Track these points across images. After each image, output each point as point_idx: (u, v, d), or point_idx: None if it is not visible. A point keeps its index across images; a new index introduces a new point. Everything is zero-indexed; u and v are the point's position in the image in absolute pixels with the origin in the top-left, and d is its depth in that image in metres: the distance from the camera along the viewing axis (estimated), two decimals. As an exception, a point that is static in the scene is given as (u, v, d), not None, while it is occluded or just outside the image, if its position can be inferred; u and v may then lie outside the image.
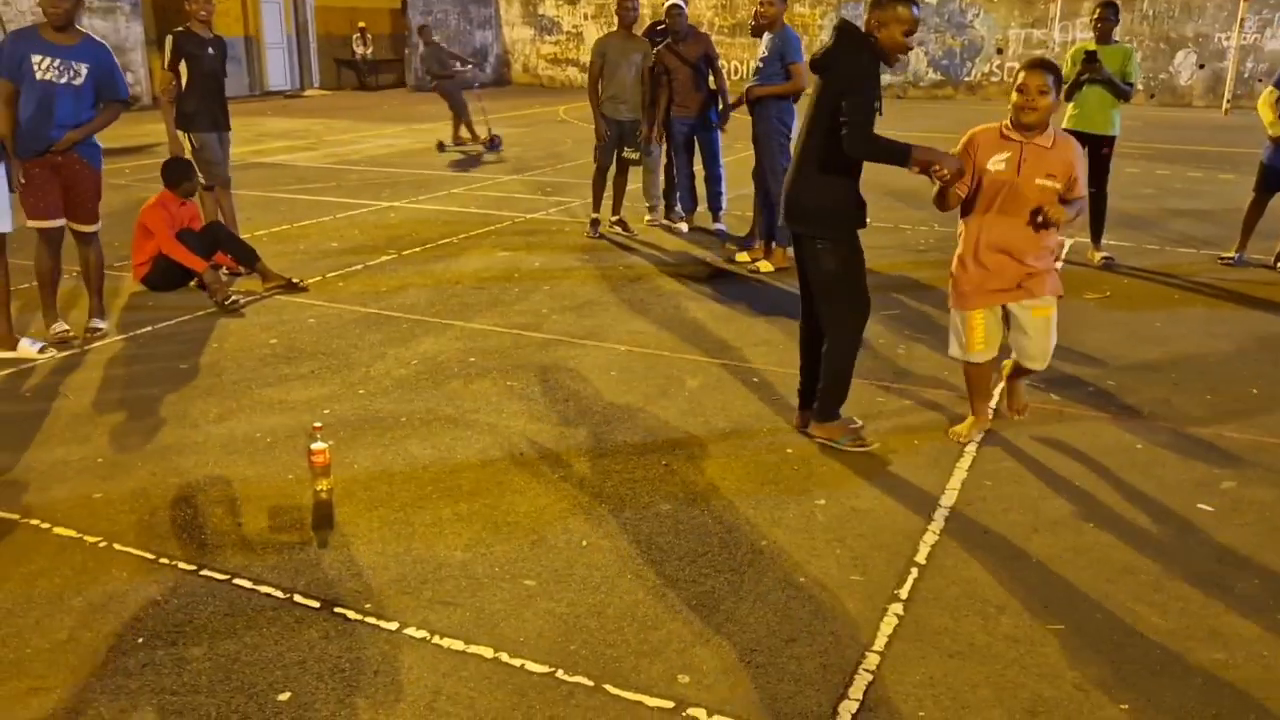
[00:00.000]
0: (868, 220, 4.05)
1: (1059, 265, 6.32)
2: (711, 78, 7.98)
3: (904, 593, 3.11)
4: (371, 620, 2.96)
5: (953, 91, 22.70)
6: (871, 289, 4.15)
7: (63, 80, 5.14)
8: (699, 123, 8.01)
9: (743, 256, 7.26)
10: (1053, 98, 3.80)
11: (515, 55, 26.49)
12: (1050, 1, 21.14)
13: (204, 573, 3.21)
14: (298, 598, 3.07)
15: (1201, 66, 20.70)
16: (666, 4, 7.94)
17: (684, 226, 8.37)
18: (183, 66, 6.70)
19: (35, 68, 5.06)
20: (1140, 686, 2.68)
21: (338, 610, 3.01)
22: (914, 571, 3.23)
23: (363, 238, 8.16)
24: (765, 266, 7.04)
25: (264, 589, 3.12)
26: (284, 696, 2.62)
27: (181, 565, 3.26)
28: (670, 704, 2.59)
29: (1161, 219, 9.12)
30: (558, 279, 6.88)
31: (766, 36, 6.79)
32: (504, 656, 2.79)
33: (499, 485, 3.83)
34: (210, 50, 6.80)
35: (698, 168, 8.39)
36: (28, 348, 5.22)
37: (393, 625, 2.93)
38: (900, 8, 3.77)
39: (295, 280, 6.62)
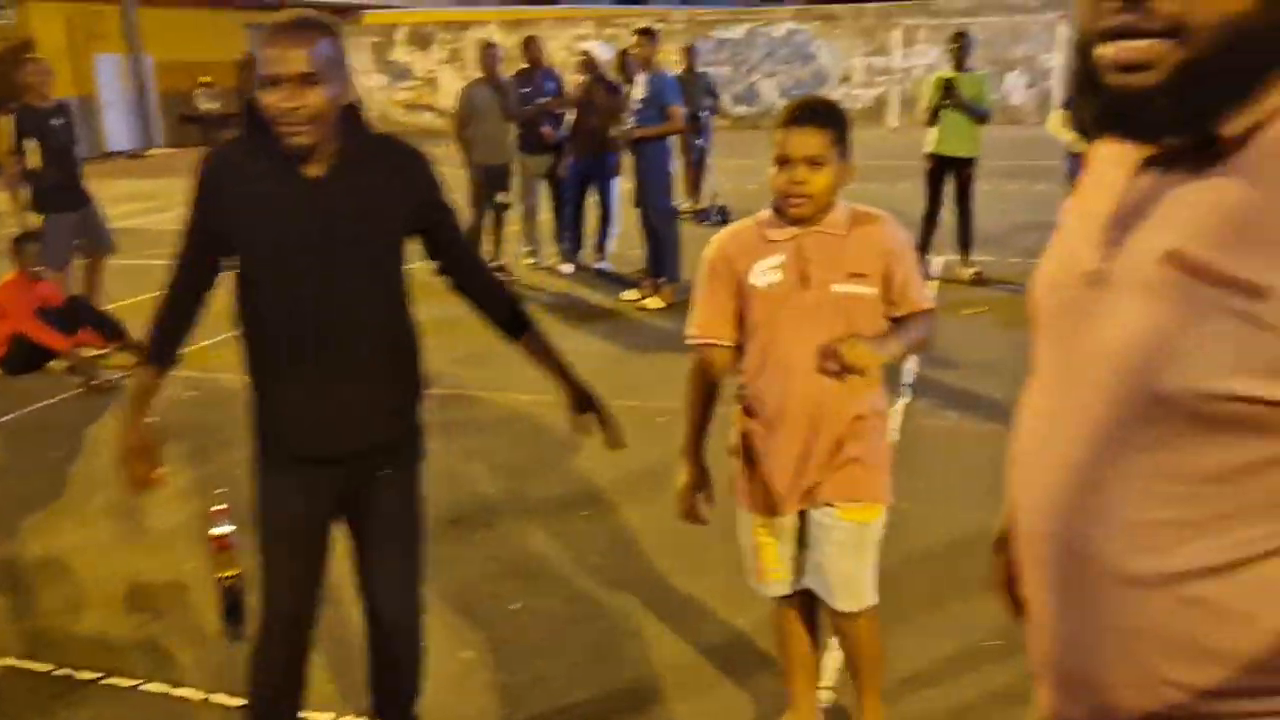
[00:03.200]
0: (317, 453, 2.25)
1: (899, 403, 4.98)
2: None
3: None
4: (309, 714, 2.79)
5: (804, 120, 23.43)
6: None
7: None
8: (595, 163, 8.00)
9: (631, 294, 7.28)
10: (834, 168, 2.17)
11: (369, 104, 26.12)
12: (890, 30, 22.14)
13: (109, 681, 2.98)
14: (219, 698, 2.88)
15: (1031, 86, 21.98)
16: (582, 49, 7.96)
17: (568, 267, 8.35)
18: (31, 143, 6.20)
19: None
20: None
21: (265, 707, 2.82)
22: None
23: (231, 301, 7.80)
24: (654, 303, 7.07)
25: (179, 692, 2.91)
26: (219, 809, 2.44)
27: (84, 675, 3.01)
28: (633, 769, 2.52)
29: (1018, 233, 9.57)
30: (446, 331, 6.67)
31: (641, 77, 6.87)
32: (451, 737, 2.67)
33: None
34: (54, 121, 6.34)
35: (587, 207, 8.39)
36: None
37: (328, 716, 2.77)
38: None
39: (167, 352, 6.28)
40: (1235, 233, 0.89)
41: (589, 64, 7.79)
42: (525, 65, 8.26)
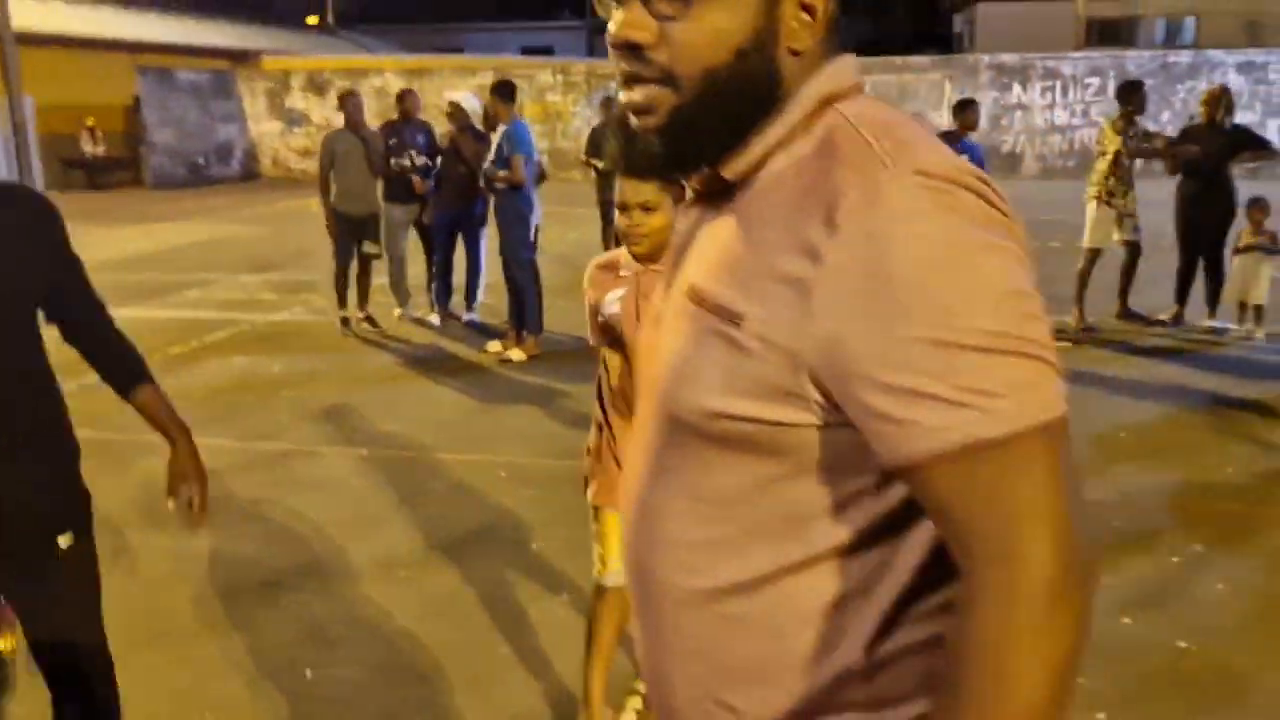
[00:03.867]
0: None
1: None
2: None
3: (643, 686, 3.07)
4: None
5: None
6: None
7: None
8: (463, 213, 7.93)
9: (494, 346, 7.21)
10: (671, 211, 2.45)
11: (263, 149, 25.68)
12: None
13: None
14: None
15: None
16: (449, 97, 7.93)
17: (435, 318, 8.24)
18: None
19: None
20: None
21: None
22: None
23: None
24: (517, 355, 7.01)
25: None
26: None
27: None
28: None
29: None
30: (299, 384, 6.56)
31: (500, 128, 6.91)
32: (214, 819, 2.53)
33: (224, 621, 3.53)
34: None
35: (456, 259, 8.31)
36: None
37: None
38: None
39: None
40: (727, 266, 0.96)
41: (457, 114, 7.76)
42: (395, 117, 8.21)
